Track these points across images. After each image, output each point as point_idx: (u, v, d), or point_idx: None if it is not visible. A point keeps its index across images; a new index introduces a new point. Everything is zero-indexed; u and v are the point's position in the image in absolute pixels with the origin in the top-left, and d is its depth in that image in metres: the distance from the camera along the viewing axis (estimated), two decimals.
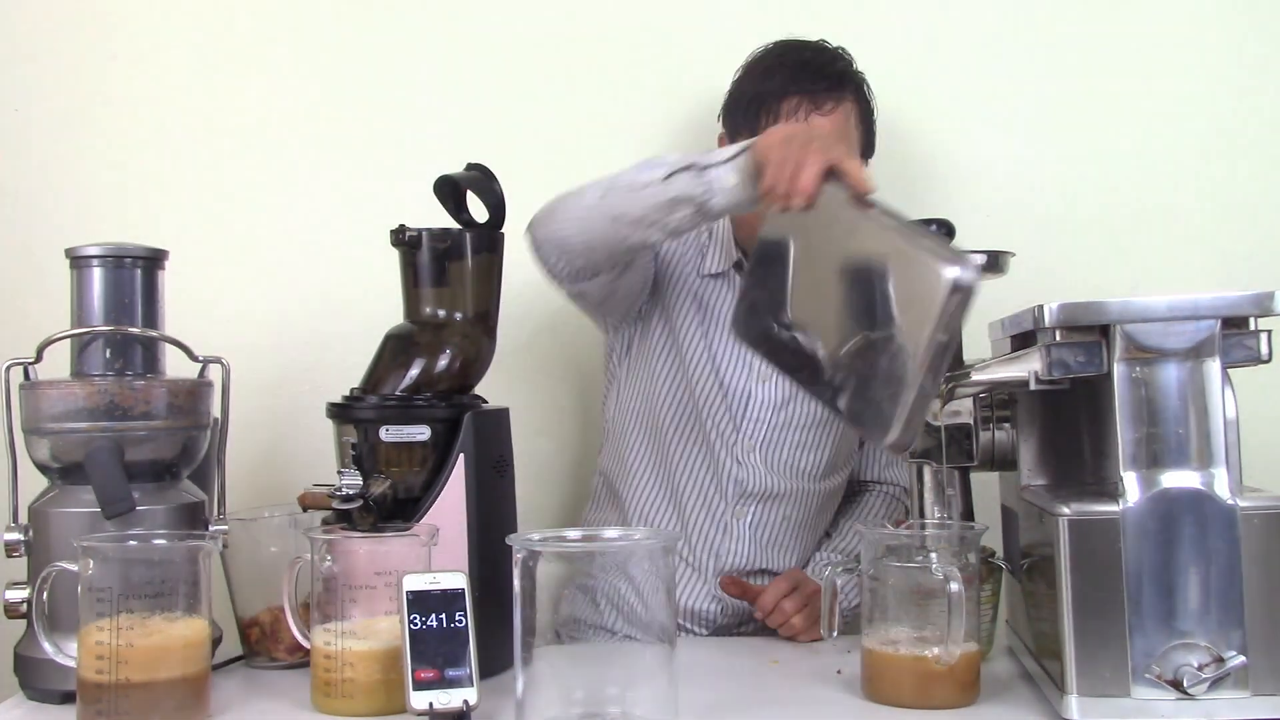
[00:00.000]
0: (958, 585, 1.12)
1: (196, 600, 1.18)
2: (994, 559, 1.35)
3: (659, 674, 1.11)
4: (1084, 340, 1.14)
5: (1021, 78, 1.85)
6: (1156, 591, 1.09)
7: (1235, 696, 1.08)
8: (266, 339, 1.86)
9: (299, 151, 1.89)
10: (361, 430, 1.33)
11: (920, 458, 1.28)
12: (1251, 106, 1.83)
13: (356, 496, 1.26)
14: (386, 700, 1.17)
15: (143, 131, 1.88)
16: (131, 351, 1.33)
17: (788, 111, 1.56)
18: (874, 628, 1.21)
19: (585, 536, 1.27)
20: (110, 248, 1.33)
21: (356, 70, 1.89)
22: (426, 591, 1.16)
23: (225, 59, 1.89)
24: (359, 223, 1.83)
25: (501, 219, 1.43)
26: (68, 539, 1.21)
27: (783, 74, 1.59)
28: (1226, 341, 1.12)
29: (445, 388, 1.37)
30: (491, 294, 1.43)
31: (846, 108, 1.59)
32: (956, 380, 1.24)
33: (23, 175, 1.88)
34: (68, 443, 1.27)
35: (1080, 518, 1.11)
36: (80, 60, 1.89)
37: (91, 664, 1.13)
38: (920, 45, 1.86)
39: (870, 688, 1.21)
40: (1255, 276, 1.77)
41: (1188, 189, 1.83)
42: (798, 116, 1.55)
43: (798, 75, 1.58)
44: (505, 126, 1.87)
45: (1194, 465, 1.11)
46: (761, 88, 1.59)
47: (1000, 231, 1.81)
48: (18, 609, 1.25)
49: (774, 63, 1.62)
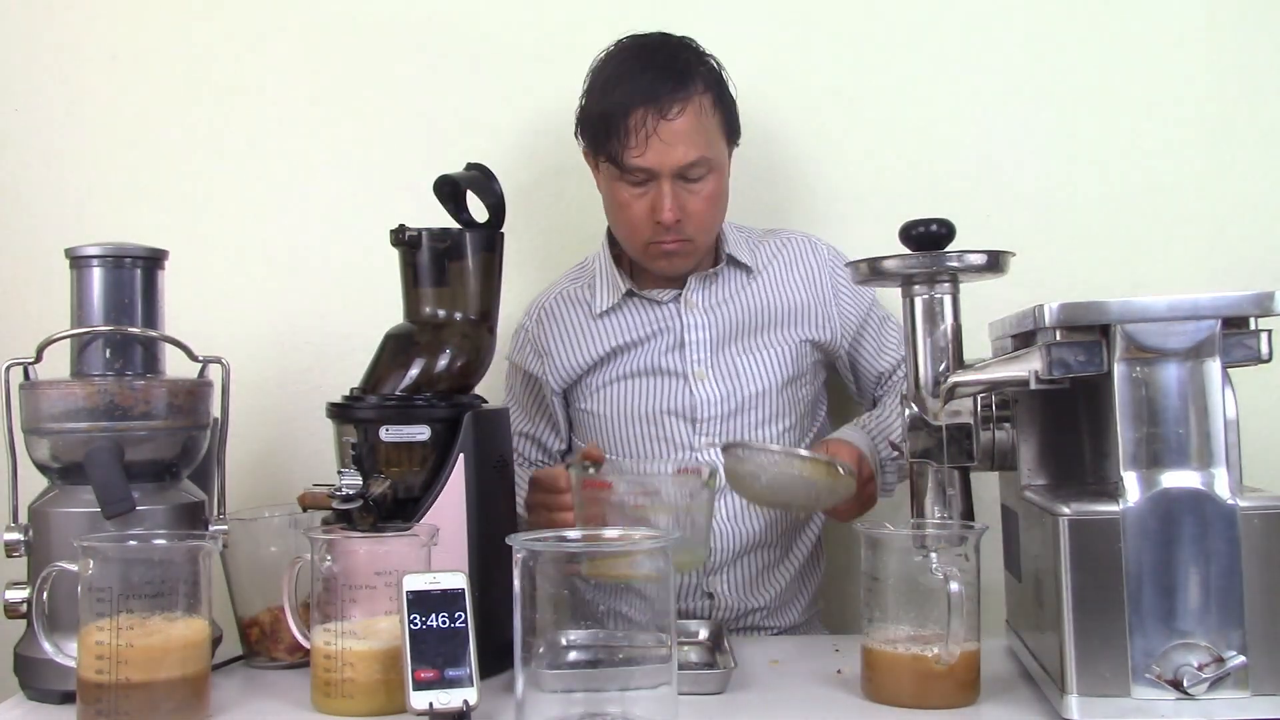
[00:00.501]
0: (958, 585, 1.12)
1: (196, 600, 1.18)
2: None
3: (659, 674, 1.11)
4: (1084, 340, 1.13)
5: (1021, 78, 1.85)
6: (1156, 591, 1.09)
7: (1235, 696, 1.08)
8: (266, 339, 1.86)
9: (299, 151, 1.89)
10: (361, 430, 1.33)
11: (920, 458, 1.28)
12: (1252, 106, 1.83)
13: (356, 496, 1.26)
14: (386, 700, 1.17)
15: (143, 131, 1.89)
16: (131, 351, 1.33)
17: (635, 126, 1.53)
18: (874, 627, 1.21)
19: (585, 537, 1.27)
20: (110, 248, 1.33)
21: (356, 70, 1.89)
22: (426, 591, 1.16)
23: (225, 59, 1.89)
24: (359, 223, 1.84)
25: (501, 219, 1.43)
26: (68, 539, 1.21)
27: (622, 87, 1.55)
28: (1226, 341, 1.12)
29: (445, 388, 1.37)
30: (491, 294, 1.43)
31: (695, 103, 1.55)
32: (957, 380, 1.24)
33: (23, 175, 1.88)
34: (68, 443, 1.27)
35: (1080, 518, 1.11)
36: (80, 60, 1.89)
37: (91, 664, 1.13)
38: (920, 45, 1.86)
39: (870, 688, 1.21)
40: (1255, 276, 1.78)
41: (1188, 189, 1.83)
42: (645, 129, 1.52)
43: (637, 84, 1.54)
44: (505, 126, 1.87)
45: (1194, 465, 1.11)
46: (605, 105, 1.56)
47: (1000, 231, 1.82)
48: (18, 609, 1.25)
49: (613, 73, 1.58)
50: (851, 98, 1.86)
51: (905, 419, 1.28)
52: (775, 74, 1.85)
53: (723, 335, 1.66)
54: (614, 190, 1.59)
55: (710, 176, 1.57)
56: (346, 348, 1.86)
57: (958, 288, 1.28)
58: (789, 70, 1.86)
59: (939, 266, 1.27)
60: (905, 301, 1.29)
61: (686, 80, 1.55)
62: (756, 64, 1.84)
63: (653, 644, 1.13)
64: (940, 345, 1.28)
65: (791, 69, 1.86)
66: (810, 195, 1.85)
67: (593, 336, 1.68)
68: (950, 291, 1.28)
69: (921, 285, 1.28)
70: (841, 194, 1.86)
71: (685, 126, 1.54)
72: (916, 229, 1.29)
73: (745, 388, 1.64)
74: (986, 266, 1.26)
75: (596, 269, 1.71)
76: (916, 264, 1.27)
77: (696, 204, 1.57)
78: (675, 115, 1.53)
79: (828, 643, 1.50)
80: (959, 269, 1.26)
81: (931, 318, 1.28)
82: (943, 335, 1.28)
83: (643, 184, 1.56)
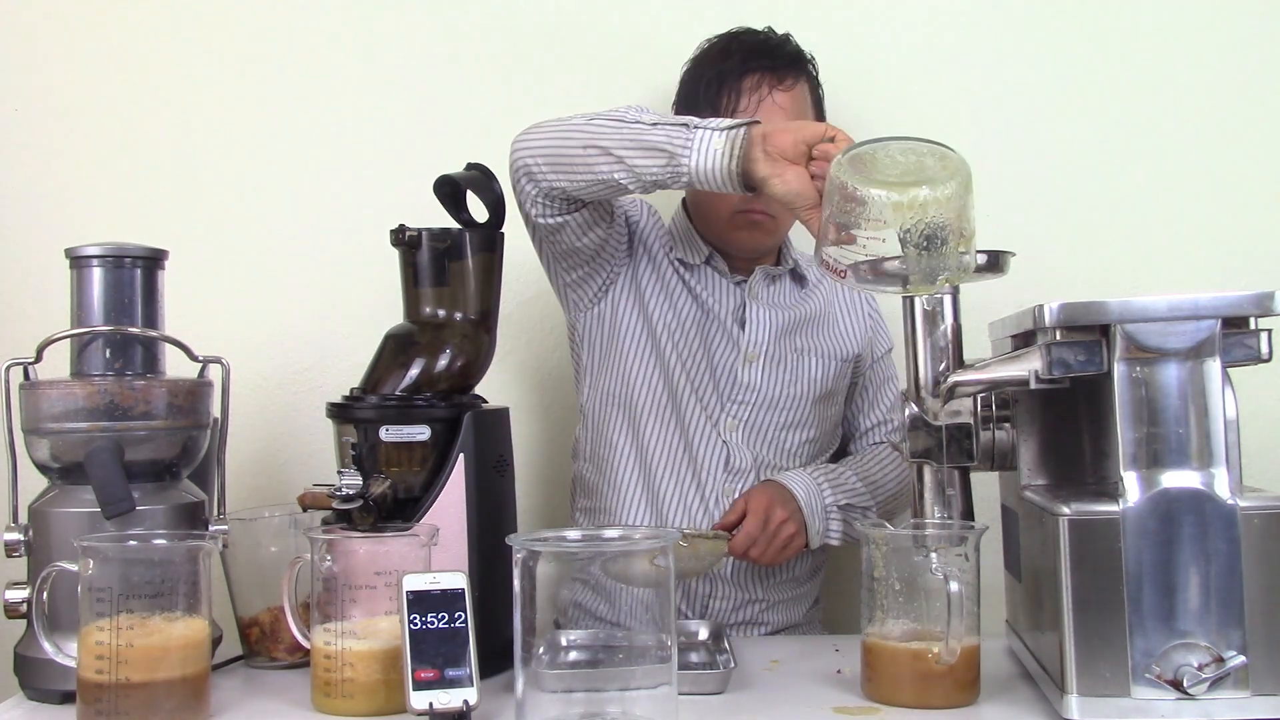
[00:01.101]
0: (958, 585, 1.12)
1: (196, 600, 1.18)
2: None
3: (659, 674, 1.11)
4: (1084, 340, 1.13)
5: (1022, 77, 1.85)
6: (1156, 591, 1.09)
7: (1235, 696, 1.08)
8: (266, 339, 1.86)
9: (299, 151, 1.89)
10: (361, 430, 1.33)
11: (920, 458, 1.28)
12: (1252, 106, 1.83)
13: (357, 496, 1.26)
14: (386, 700, 1.17)
15: (142, 131, 1.89)
16: (131, 351, 1.33)
17: (749, 88, 1.59)
18: (874, 626, 1.21)
19: (585, 537, 1.27)
20: (110, 248, 1.33)
21: (356, 70, 1.89)
22: (426, 591, 1.16)
23: (225, 59, 1.89)
24: (359, 223, 1.84)
25: (501, 219, 1.43)
26: (68, 539, 1.21)
27: (740, 53, 1.62)
28: (1226, 341, 1.12)
29: (445, 388, 1.37)
30: (491, 294, 1.43)
31: (803, 86, 1.63)
32: (957, 379, 1.24)
33: (23, 175, 1.88)
34: (68, 443, 1.27)
35: (1080, 518, 1.11)
36: (80, 60, 1.89)
37: (91, 664, 1.13)
38: (920, 45, 1.87)
39: (870, 687, 1.21)
40: (1255, 276, 1.78)
41: (1188, 189, 1.83)
42: (759, 93, 1.58)
43: (756, 53, 1.62)
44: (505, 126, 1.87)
45: (1194, 465, 1.11)
46: (721, 67, 1.62)
47: (1000, 231, 1.81)
48: (18, 609, 1.25)
49: (729, 44, 1.65)
50: (851, 98, 1.85)
51: (905, 419, 1.28)
52: None
53: (779, 331, 1.67)
54: None
55: None
56: (346, 348, 1.86)
57: (958, 288, 1.29)
58: None
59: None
60: (905, 302, 1.29)
61: (798, 64, 1.64)
62: None
63: (653, 644, 1.13)
64: (940, 345, 1.28)
65: None
66: None
67: (665, 269, 1.67)
68: (950, 291, 1.28)
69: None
70: None
71: (793, 102, 1.60)
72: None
73: (790, 385, 1.65)
74: (986, 266, 1.26)
75: (674, 230, 1.71)
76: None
77: None
78: (789, 86, 1.60)
79: (828, 643, 1.50)
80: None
81: (931, 318, 1.28)
82: (943, 335, 1.28)
83: None
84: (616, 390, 1.66)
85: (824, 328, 1.71)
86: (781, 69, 1.61)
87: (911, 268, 1.15)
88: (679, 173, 1.31)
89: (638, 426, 1.64)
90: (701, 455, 1.62)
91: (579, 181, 1.40)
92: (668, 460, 1.63)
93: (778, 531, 1.53)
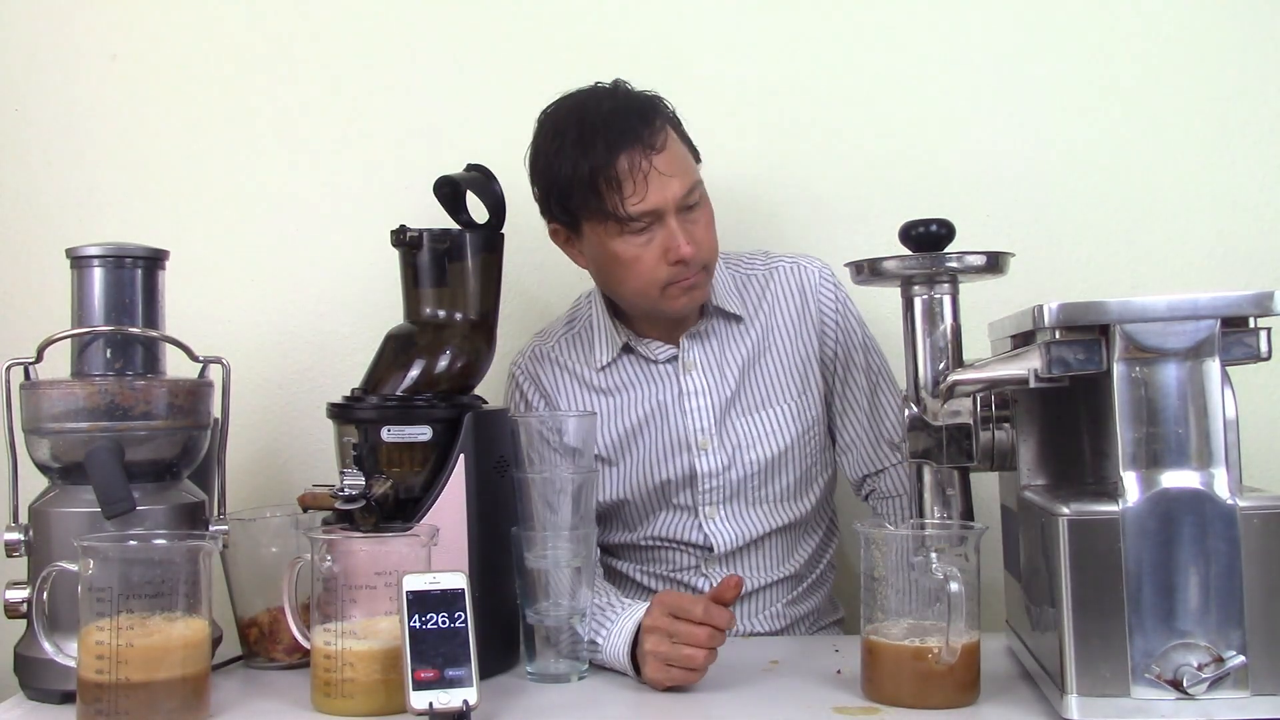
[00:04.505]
0: (958, 585, 1.12)
1: (196, 600, 1.18)
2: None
3: None
4: (1083, 339, 1.13)
5: (1021, 77, 1.85)
6: (1156, 591, 1.09)
7: (1235, 696, 1.08)
8: (266, 339, 1.86)
9: (299, 151, 1.89)
10: (362, 430, 1.33)
11: (920, 458, 1.28)
12: (1252, 106, 1.83)
13: (360, 496, 1.26)
14: (386, 700, 1.17)
15: (143, 131, 1.88)
16: (132, 351, 1.33)
17: (626, 173, 1.44)
18: (874, 627, 1.21)
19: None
20: (110, 248, 1.33)
21: (356, 70, 1.89)
22: (426, 591, 1.16)
23: (225, 59, 1.89)
24: (359, 223, 1.84)
25: (501, 219, 1.43)
26: (68, 539, 1.21)
27: (601, 138, 1.46)
28: (1226, 341, 1.12)
29: (446, 388, 1.37)
30: (492, 294, 1.43)
31: (666, 132, 1.49)
32: (956, 378, 1.24)
33: (23, 175, 1.88)
34: (68, 443, 1.27)
35: (1080, 518, 1.11)
36: (80, 60, 1.89)
37: (91, 664, 1.13)
38: (919, 44, 1.86)
39: (870, 688, 1.21)
40: (1255, 276, 1.78)
41: (1188, 188, 1.83)
42: (639, 171, 1.44)
43: (615, 129, 1.46)
44: (505, 126, 1.87)
45: (1194, 465, 1.11)
46: (589, 163, 1.46)
47: (1000, 231, 1.82)
48: (18, 609, 1.25)
49: (581, 132, 1.48)
50: (851, 98, 1.86)
51: (905, 419, 1.28)
52: (775, 75, 1.85)
53: (725, 400, 1.60)
54: (615, 249, 1.49)
55: (703, 201, 1.53)
56: (346, 348, 1.86)
57: (957, 288, 1.29)
58: (789, 71, 1.86)
59: (939, 267, 1.27)
60: (905, 302, 1.29)
61: (650, 112, 1.49)
62: (756, 66, 1.85)
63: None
64: (940, 345, 1.28)
65: (791, 70, 1.86)
66: (810, 196, 1.85)
67: (594, 388, 1.63)
68: (950, 292, 1.28)
69: (921, 286, 1.29)
70: (841, 195, 1.85)
71: (672, 157, 1.48)
72: (916, 229, 1.29)
73: (749, 456, 1.60)
74: (986, 267, 1.26)
75: (592, 320, 1.65)
76: (916, 264, 1.27)
77: (701, 232, 1.51)
78: (661, 147, 1.47)
79: (828, 643, 1.50)
80: (959, 269, 1.27)
81: (931, 318, 1.28)
82: (942, 335, 1.28)
83: (647, 229, 1.48)
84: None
85: (772, 353, 1.63)
86: (645, 132, 1.46)
87: None
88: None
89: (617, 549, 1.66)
90: (688, 541, 1.61)
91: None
92: (654, 561, 1.64)
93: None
